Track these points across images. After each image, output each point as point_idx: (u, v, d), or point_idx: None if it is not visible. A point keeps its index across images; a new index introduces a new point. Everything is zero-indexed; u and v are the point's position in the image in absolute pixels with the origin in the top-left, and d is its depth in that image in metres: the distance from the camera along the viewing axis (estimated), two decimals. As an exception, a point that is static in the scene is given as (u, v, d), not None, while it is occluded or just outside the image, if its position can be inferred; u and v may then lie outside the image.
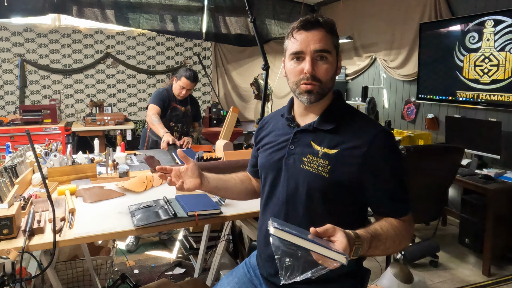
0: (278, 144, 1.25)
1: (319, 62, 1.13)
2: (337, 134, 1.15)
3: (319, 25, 1.13)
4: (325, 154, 1.13)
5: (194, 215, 1.50)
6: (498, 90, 3.24)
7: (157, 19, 4.68)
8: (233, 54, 5.95)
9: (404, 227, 1.12)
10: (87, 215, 1.56)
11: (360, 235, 0.96)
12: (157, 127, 3.03)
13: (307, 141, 1.18)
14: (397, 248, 1.11)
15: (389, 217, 1.13)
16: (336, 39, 1.18)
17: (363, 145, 1.10)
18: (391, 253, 1.10)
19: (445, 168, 2.75)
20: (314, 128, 1.18)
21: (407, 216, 1.14)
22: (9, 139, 4.36)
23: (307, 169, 1.15)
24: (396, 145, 1.16)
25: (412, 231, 1.16)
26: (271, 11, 5.27)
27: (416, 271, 2.84)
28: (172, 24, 4.79)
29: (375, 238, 1.01)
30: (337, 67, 1.19)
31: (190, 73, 3.13)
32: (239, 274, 1.41)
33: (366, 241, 0.97)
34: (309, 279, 1.18)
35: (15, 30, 5.02)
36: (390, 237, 1.06)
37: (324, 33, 1.13)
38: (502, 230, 2.86)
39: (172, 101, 3.24)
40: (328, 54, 1.13)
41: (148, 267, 2.84)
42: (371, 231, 1.02)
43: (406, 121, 4.34)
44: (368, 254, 1.02)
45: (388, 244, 1.05)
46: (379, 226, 1.08)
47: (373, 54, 4.66)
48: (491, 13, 3.24)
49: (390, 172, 1.12)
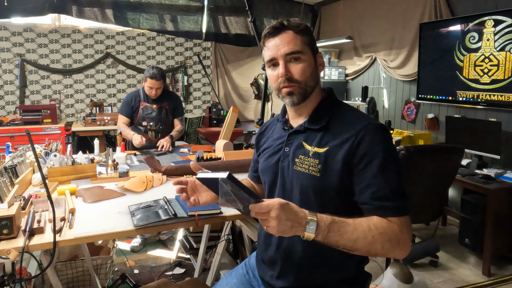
0: (274, 148, 1.27)
1: (293, 64, 1.14)
2: (327, 132, 1.14)
3: (285, 28, 1.14)
4: (316, 153, 1.12)
5: (194, 215, 1.50)
6: (498, 90, 3.24)
7: (157, 19, 4.69)
8: (233, 54, 5.96)
9: (387, 226, 1.01)
10: (87, 215, 1.56)
11: (317, 214, 0.97)
12: (125, 133, 3.09)
13: (299, 141, 1.18)
14: (372, 245, 0.99)
15: (373, 216, 1.04)
16: (308, 37, 1.17)
17: (350, 138, 1.08)
18: (363, 249, 0.99)
19: (445, 168, 2.75)
20: (305, 128, 1.18)
21: (396, 218, 1.03)
22: (9, 139, 4.36)
23: (299, 170, 1.15)
24: (388, 139, 1.09)
25: (403, 238, 1.02)
26: (271, 11, 5.28)
27: (416, 271, 2.84)
28: (172, 24, 4.79)
29: (337, 222, 0.97)
30: (316, 64, 1.18)
31: (153, 72, 3.03)
32: (238, 274, 1.41)
33: (324, 221, 0.96)
34: (308, 284, 1.18)
35: (15, 30, 5.02)
36: (359, 230, 0.98)
37: (292, 34, 1.14)
38: (502, 230, 2.85)
39: (143, 101, 3.18)
40: (300, 54, 1.14)
41: (148, 267, 2.84)
42: (336, 217, 0.99)
43: (406, 121, 4.34)
44: (330, 239, 0.97)
45: (355, 235, 0.98)
46: (353, 218, 1.02)
47: (373, 54, 4.66)
48: (491, 13, 3.24)
49: (377, 167, 1.04)
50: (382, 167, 1.05)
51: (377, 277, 2.43)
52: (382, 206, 1.04)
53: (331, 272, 1.17)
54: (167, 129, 3.21)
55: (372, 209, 1.05)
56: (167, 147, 2.99)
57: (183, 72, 5.91)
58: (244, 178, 1.51)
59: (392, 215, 1.03)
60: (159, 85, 3.08)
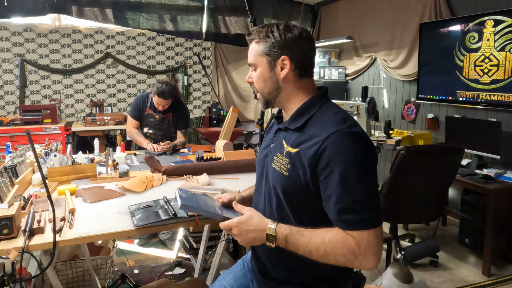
0: (265, 142, 1.32)
1: (252, 73, 1.23)
2: (302, 133, 1.14)
3: (249, 38, 1.22)
4: (288, 152, 1.14)
5: (194, 215, 1.50)
6: (498, 90, 3.24)
7: (156, 19, 4.69)
8: (233, 54, 5.95)
9: (342, 241, 1.00)
10: (87, 215, 1.56)
11: (277, 226, 1.08)
12: (139, 141, 3.11)
13: (281, 140, 1.20)
14: (325, 257, 1.02)
15: (336, 227, 1.04)
16: (266, 43, 1.16)
17: (317, 143, 1.06)
18: (319, 259, 1.03)
19: (445, 168, 2.75)
20: (285, 127, 1.20)
21: (356, 232, 0.99)
22: (9, 139, 4.36)
23: (274, 167, 1.18)
24: (356, 147, 1.03)
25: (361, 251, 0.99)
26: (271, 11, 5.28)
27: (416, 271, 2.84)
28: (172, 24, 4.79)
29: (294, 234, 1.05)
30: (275, 70, 1.17)
31: (162, 89, 2.98)
32: (235, 269, 1.44)
33: (282, 233, 1.06)
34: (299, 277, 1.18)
35: (15, 30, 5.02)
36: (313, 242, 1.02)
37: (252, 45, 1.21)
38: (502, 230, 2.85)
39: (148, 107, 3.17)
40: (253, 65, 1.22)
41: (148, 267, 2.84)
42: (294, 228, 1.07)
43: (406, 121, 4.34)
44: (289, 248, 1.06)
45: (309, 247, 1.03)
46: (313, 229, 1.05)
47: (373, 54, 4.66)
48: (491, 13, 3.24)
49: (339, 176, 1.00)
50: (344, 177, 1.00)
51: (377, 277, 2.43)
52: (342, 219, 1.02)
53: (319, 269, 1.14)
54: (168, 139, 3.16)
55: (335, 221, 1.04)
56: (169, 148, 2.97)
57: (183, 72, 5.91)
58: (246, 177, 1.52)
59: (351, 228, 1.00)
60: (166, 102, 3.07)
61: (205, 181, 2.03)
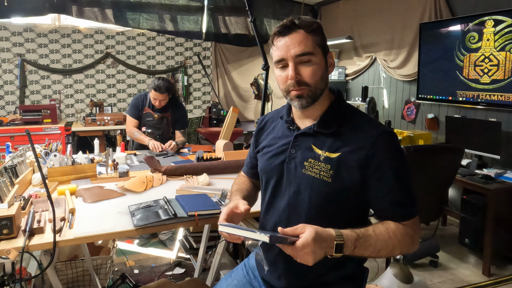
0: (278, 148, 1.22)
1: (303, 66, 1.10)
2: (338, 137, 1.12)
3: (296, 27, 1.09)
4: (327, 158, 1.10)
5: (194, 215, 1.50)
6: (498, 90, 3.24)
7: (156, 19, 4.68)
8: (233, 54, 5.95)
9: (404, 232, 1.07)
10: (87, 215, 1.56)
11: (343, 233, 0.98)
12: (140, 139, 3.10)
13: (308, 144, 1.15)
14: (392, 252, 1.07)
15: (389, 221, 1.10)
16: (319, 37, 1.12)
17: (365, 147, 1.07)
18: (385, 256, 1.09)
19: (445, 168, 2.75)
20: (315, 131, 1.15)
21: (410, 221, 1.09)
22: (9, 139, 4.37)
23: (309, 174, 1.12)
24: (399, 146, 1.12)
25: (416, 237, 1.11)
26: (271, 11, 5.27)
27: (416, 271, 2.84)
28: (172, 24, 4.79)
29: (361, 238, 1.01)
30: (327, 65, 1.15)
31: (158, 83, 3.00)
32: (238, 276, 1.39)
33: (350, 239, 0.99)
34: (312, 282, 1.18)
35: (15, 30, 5.02)
36: (381, 240, 1.04)
37: (303, 34, 1.09)
38: (502, 230, 2.85)
39: (147, 106, 3.18)
40: (310, 56, 1.09)
41: (148, 267, 2.84)
42: (359, 231, 1.02)
43: (406, 121, 4.34)
44: (356, 253, 1.01)
45: (378, 246, 1.03)
46: (372, 228, 1.06)
47: (373, 54, 4.66)
48: (491, 13, 3.24)
49: (393, 175, 1.07)
50: (397, 175, 1.08)
51: (377, 277, 2.43)
52: (399, 213, 1.09)
53: (333, 271, 1.17)
54: (166, 138, 3.16)
55: (389, 216, 1.10)
56: (174, 147, 2.97)
57: (183, 72, 5.92)
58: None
59: (407, 219, 1.09)
60: (163, 97, 3.07)
61: (205, 181, 2.03)
